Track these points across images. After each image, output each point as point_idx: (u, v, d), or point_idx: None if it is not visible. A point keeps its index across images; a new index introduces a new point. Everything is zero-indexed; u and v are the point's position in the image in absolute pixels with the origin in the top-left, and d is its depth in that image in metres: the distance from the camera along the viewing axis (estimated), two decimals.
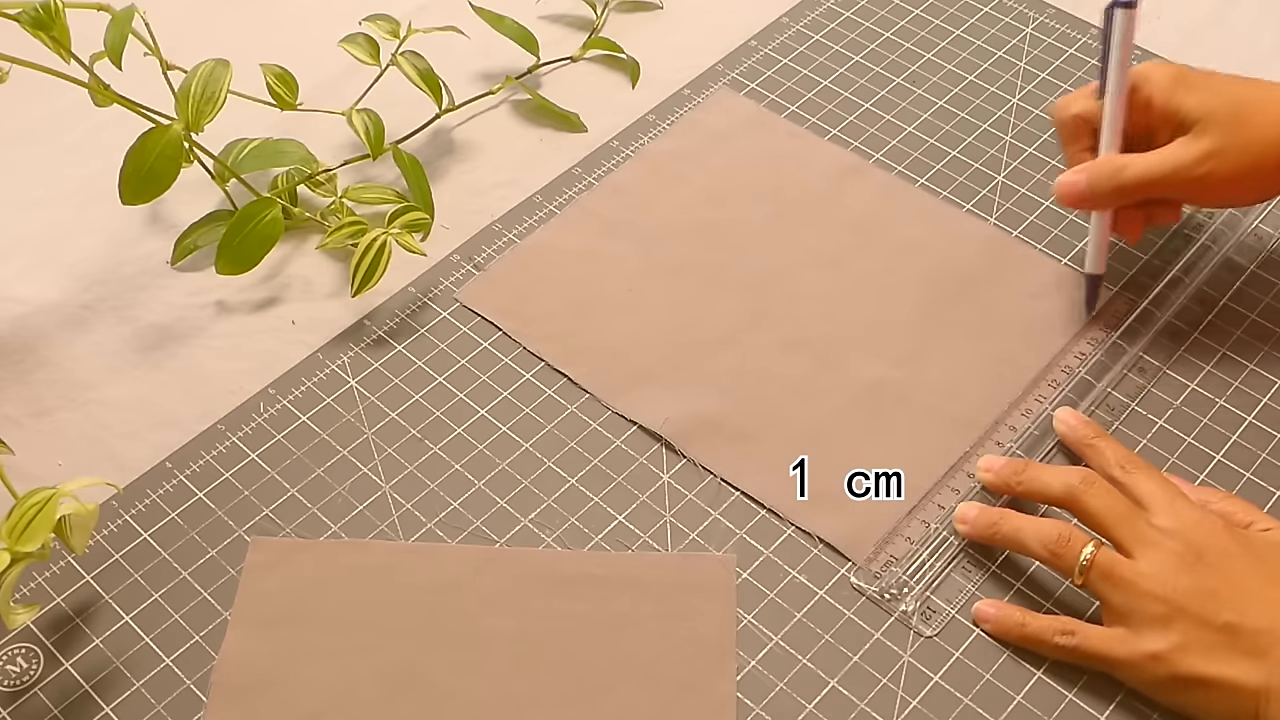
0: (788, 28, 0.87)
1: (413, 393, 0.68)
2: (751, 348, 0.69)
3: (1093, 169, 0.66)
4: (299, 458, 0.65)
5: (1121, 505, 0.57)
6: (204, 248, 0.74)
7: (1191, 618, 0.54)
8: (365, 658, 0.58)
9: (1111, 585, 0.56)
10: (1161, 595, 0.55)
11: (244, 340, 0.71)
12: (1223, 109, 0.64)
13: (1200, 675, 0.54)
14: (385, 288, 0.71)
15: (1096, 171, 0.66)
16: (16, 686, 0.58)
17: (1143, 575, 0.55)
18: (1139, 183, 0.65)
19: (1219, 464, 0.64)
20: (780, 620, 0.59)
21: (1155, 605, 0.55)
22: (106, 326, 0.72)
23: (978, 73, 0.84)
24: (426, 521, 0.63)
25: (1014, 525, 0.59)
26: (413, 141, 0.79)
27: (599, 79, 0.85)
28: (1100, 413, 0.66)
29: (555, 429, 0.66)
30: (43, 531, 0.54)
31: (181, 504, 0.64)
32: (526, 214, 0.76)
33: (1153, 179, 0.65)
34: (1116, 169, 0.66)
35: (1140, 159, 0.65)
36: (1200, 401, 0.66)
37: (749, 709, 0.57)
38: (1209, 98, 0.65)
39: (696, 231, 0.74)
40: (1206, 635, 0.54)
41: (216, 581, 0.61)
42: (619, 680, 0.57)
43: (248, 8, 0.90)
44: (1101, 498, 0.58)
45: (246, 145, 0.75)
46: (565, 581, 0.60)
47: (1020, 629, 0.58)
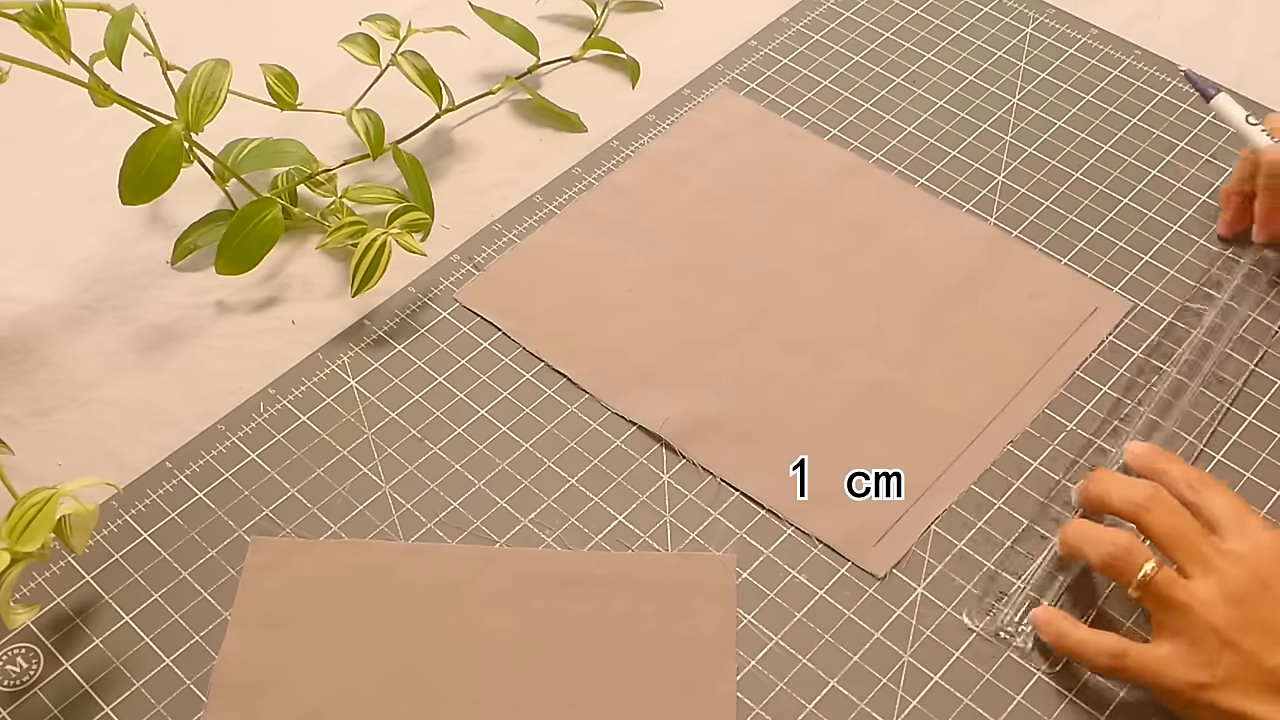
0: (788, 28, 0.87)
1: (413, 393, 0.68)
2: (751, 348, 0.69)
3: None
4: (299, 458, 0.65)
5: (1184, 526, 0.55)
6: (204, 248, 0.74)
7: (1242, 653, 0.52)
8: (365, 658, 0.58)
9: (1166, 607, 0.54)
10: (1213, 624, 0.53)
11: (244, 340, 0.71)
12: None
13: (1240, 712, 0.52)
14: (385, 288, 0.71)
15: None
16: (16, 686, 0.58)
17: (1199, 600, 0.53)
18: None
19: (1219, 464, 0.64)
20: (780, 620, 0.59)
21: (1207, 634, 0.53)
22: (106, 326, 0.72)
23: (978, 73, 0.84)
24: (426, 521, 0.63)
25: (1076, 532, 0.58)
26: (413, 141, 0.79)
27: (599, 79, 0.85)
28: (1099, 413, 0.66)
29: (555, 429, 0.66)
30: (43, 531, 0.54)
31: (181, 504, 0.64)
32: (526, 214, 0.76)
33: None
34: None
35: None
36: (1199, 401, 0.66)
37: (749, 709, 0.57)
38: None
39: (696, 231, 0.74)
40: (1254, 674, 0.52)
41: (216, 581, 0.61)
42: (619, 680, 0.57)
43: (248, 8, 0.90)
44: (1165, 517, 0.55)
45: (246, 145, 0.75)
46: (565, 581, 0.60)
47: (1060, 640, 0.56)
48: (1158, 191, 0.76)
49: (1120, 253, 0.73)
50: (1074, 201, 0.76)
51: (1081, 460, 0.64)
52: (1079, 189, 0.77)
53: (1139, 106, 0.81)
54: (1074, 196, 0.76)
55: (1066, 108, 0.81)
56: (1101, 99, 0.82)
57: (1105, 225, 0.74)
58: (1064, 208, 0.75)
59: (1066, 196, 0.76)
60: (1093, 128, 0.80)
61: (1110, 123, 0.80)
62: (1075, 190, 0.76)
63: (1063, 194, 0.76)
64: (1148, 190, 0.76)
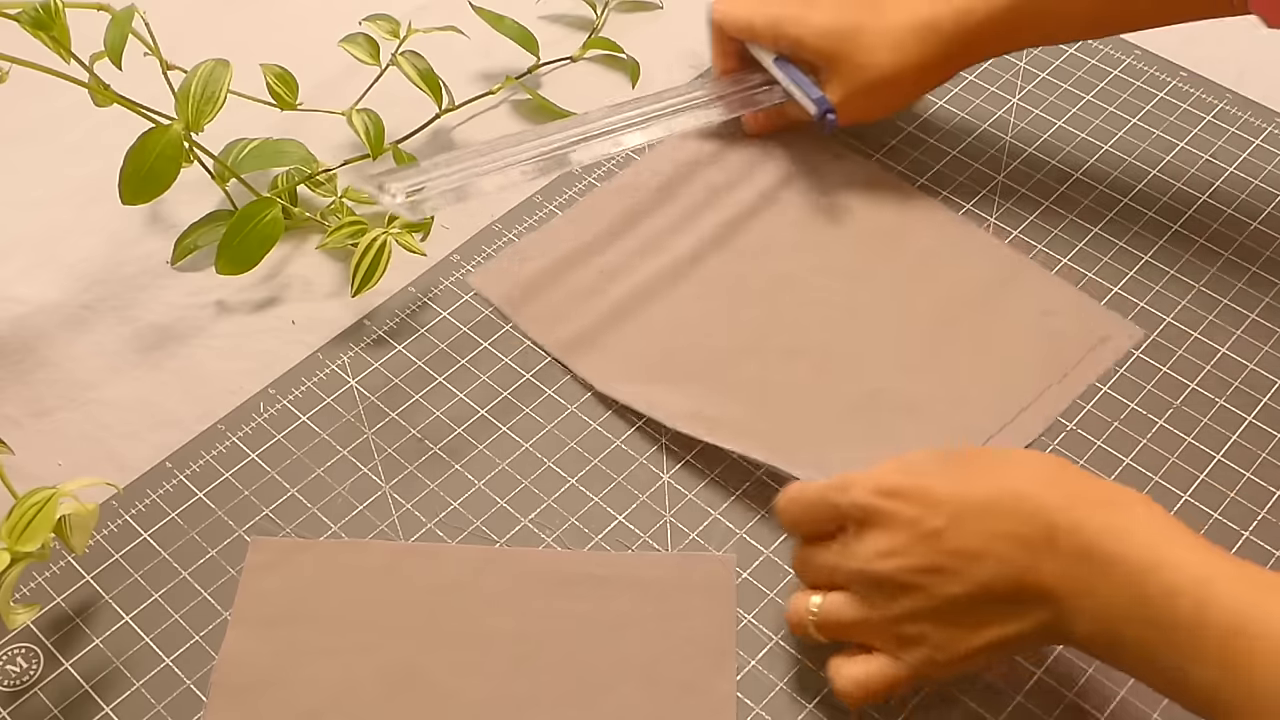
0: None
1: (413, 393, 0.68)
2: (758, 353, 0.69)
3: None
4: (299, 458, 0.65)
5: (818, 557, 0.55)
6: (204, 248, 0.74)
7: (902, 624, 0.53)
8: (365, 658, 0.58)
9: (842, 630, 0.55)
10: (870, 616, 0.53)
11: (244, 340, 0.71)
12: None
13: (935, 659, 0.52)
14: (385, 288, 0.71)
15: None
16: (16, 686, 0.58)
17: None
18: None
19: (1219, 464, 0.64)
20: (780, 620, 0.59)
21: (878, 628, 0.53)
22: (106, 326, 0.72)
23: (977, 72, 0.84)
24: (426, 521, 0.63)
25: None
26: (413, 141, 0.79)
27: (599, 79, 0.85)
28: (1099, 413, 0.66)
29: (555, 429, 0.66)
30: (43, 531, 0.54)
31: (181, 504, 0.64)
32: (526, 214, 0.76)
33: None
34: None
35: None
36: (1200, 401, 0.67)
37: (749, 709, 0.57)
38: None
39: (706, 232, 0.74)
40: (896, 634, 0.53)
41: (216, 581, 0.61)
42: (619, 680, 0.57)
43: (248, 8, 0.90)
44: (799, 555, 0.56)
45: (246, 145, 0.75)
46: (565, 581, 0.60)
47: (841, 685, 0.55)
48: (1158, 191, 0.76)
49: (1120, 252, 0.73)
50: (1074, 201, 0.76)
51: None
52: (1079, 189, 0.76)
53: (1139, 106, 0.81)
54: (1074, 196, 0.76)
55: (1066, 108, 0.81)
56: (1101, 99, 0.82)
57: (1105, 225, 0.74)
58: (1063, 207, 0.75)
59: (1066, 196, 0.76)
60: (1093, 128, 0.80)
61: (1111, 123, 0.80)
62: (1075, 190, 0.76)
63: (1062, 194, 0.76)
64: (1148, 190, 0.76)
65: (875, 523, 0.53)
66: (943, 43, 0.71)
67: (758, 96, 0.75)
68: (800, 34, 0.73)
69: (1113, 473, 0.64)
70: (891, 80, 0.72)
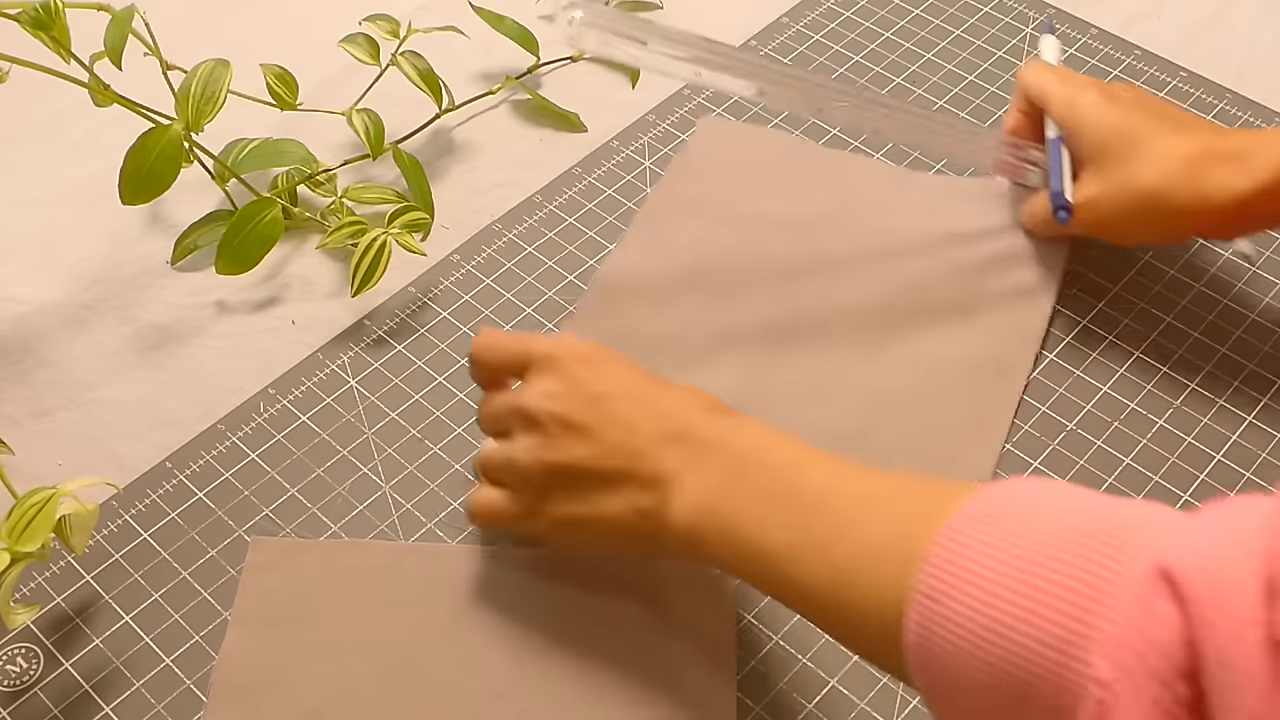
0: (788, 28, 0.87)
1: (413, 393, 0.68)
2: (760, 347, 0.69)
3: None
4: (299, 458, 0.65)
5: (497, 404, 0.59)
6: (204, 248, 0.74)
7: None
8: (365, 658, 0.58)
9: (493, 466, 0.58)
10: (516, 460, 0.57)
11: (244, 340, 0.71)
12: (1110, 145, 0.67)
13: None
14: (385, 288, 0.71)
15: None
16: (16, 686, 0.58)
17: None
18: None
19: (1219, 464, 0.64)
20: (780, 620, 0.59)
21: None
22: (106, 326, 0.72)
23: (978, 73, 0.84)
24: (426, 521, 0.63)
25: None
26: (413, 141, 0.79)
27: (599, 79, 0.85)
28: (1099, 413, 0.66)
29: None
30: (43, 531, 0.54)
31: (181, 504, 0.64)
32: (526, 214, 0.76)
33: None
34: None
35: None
36: (1199, 401, 0.67)
37: (749, 709, 0.57)
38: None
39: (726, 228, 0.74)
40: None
41: (216, 581, 0.61)
42: (619, 680, 0.57)
43: (248, 8, 0.90)
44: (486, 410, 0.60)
45: (246, 145, 0.75)
46: (566, 580, 0.60)
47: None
48: None
49: (1119, 251, 0.73)
50: None
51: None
52: None
53: None
54: None
55: None
56: None
57: None
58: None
59: None
60: None
61: None
62: None
63: None
64: None
65: (552, 369, 0.57)
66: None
67: (1024, 170, 0.72)
68: (1082, 120, 0.68)
69: (1113, 472, 0.64)
70: (1145, 205, 0.65)
